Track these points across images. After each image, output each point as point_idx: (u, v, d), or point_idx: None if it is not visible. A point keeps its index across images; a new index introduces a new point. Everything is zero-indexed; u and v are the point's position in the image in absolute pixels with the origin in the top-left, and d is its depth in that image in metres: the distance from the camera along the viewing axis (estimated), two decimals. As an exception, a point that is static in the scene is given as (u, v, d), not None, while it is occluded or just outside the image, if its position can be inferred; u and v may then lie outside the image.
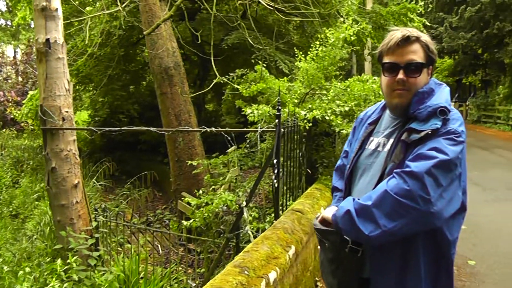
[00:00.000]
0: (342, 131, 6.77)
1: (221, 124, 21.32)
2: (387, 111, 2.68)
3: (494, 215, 9.40)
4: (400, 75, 2.41)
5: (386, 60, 2.49)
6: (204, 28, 13.63)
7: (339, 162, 3.08)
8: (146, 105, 20.01)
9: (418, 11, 15.65)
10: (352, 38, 8.23)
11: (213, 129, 6.13)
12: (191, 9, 15.28)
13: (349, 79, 8.07)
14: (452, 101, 36.50)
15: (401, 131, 2.43)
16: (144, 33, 9.96)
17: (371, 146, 2.64)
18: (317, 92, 7.96)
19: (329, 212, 2.47)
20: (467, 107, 37.09)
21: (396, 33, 2.46)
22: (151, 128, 6.68)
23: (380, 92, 7.49)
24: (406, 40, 2.42)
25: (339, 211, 2.34)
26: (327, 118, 6.80)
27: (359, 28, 8.82)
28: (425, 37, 2.48)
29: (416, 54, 2.43)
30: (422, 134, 2.28)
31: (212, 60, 8.31)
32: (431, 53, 2.48)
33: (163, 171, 15.14)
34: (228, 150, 8.31)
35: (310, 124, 6.75)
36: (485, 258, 7.14)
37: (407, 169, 2.19)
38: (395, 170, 2.27)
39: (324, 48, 7.90)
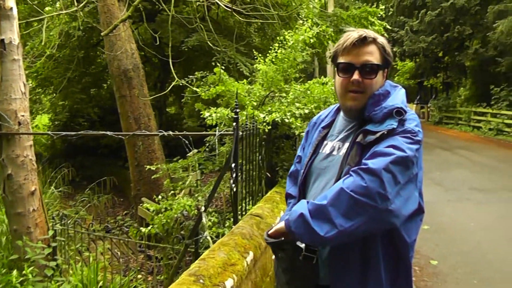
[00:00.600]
0: (302, 134, 6.70)
1: (183, 127, 21.23)
2: (341, 114, 2.62)
3: (456, 215, 9.51)
4: (355, 76, 2.36)
5: (341, 60, 2.43)
6: (164, 29, 13.47)
7: (292, 167, 3.00)
8: (107, 109, 19.72)
9: (379, 15, 15.85)
10: (312, 40, 8.21)
11: (170, 132, 6.02)
12: (151, 10, 15.10)
13: (309, 81, 8.01)
14: (414, 103, 37.52)
15: (356, 134, 2.36)
16: (102, 34, 9.80)
17: (325, 150, 2.57)
18: (276, 94, 7.90)
19: (281, 225, 2.34)
20: (428, 109, 37.99)
21: (352, 34, 2.40)
22: (108, 132, 6.55)
23: (340, 94, 7.60)
24: (363, 41, 2.37)
25: (292, 215, 2.21)
26: (286, 120, 6.74)
27: (318, 31, 8.81)
28: (382, 39, 2.44)
29: (372, 56, 2.38)
30: (378, 134, 2.22)
31: (171, 62, 8.19)
32: (387, 55, 2.44)
33: (125, 176, 14.93)
34: (188, 154, 8.19)
35: (270, 127, 6.70)
36: (447, 257, 7.20)
37: (364, 166, 2.11)
38: (351, 169, 2.18)
39: (283, 50, 7.86)
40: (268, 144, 7.38)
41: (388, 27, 17.17)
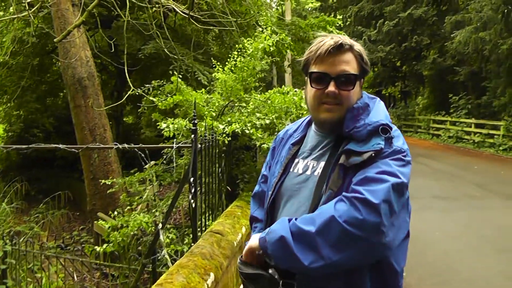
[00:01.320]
0: (263, 145, 6.50)
1: (141, 137, 20.76)
2: (313, 128, 2.38)
3: (421, 224, 9.40)
4: (331, 87, 2.13)
5: (314, 69, 2.19)
6: (121, 36, 13.13)
7: (256, 188, 2.73)
8: (63, 119, 18.85)
9: (337, 24, 15.85)
10: (272, 48, 8.02)
11: (125, 145, 5.77)
12: (107, 16, 14.69)
13: (269, 90, 7.79)
14: None
15: (337, 154, 2.13)
16: (55, 40, 9.41)
17: (297, 169, 2.31)
18: (236, 104, 7.67)
19: (254, 241, 2.10)
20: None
21: (326, 40, 2.18)
22: (60, 146, 6.27)
23: (302, 104, 7.38)
24: (339, 48, 2.15)
25: (270, 234, 1.98)
26: (247, 131, 6.52)
27: (278, 39, 8.62)
28: (358, 46, 2.24)
29: (349, 65, 2.17)
30: (366, 156, 2.00)
31: (126, 71, 7.88)
32: (365, 64, 2.24)
33: (81, 189, 14.42)
34: (145, 166, 7.89)
35: (229, 139, 6.45)
36: (415, 269, 7.08)
37: (360, 196, 1.88)
38: (344, 194, 1.94)
39: (242, 58, 7.63)
40: (228, 156, 7.14)
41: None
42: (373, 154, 2.00)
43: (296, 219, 1.98)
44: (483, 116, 25.88)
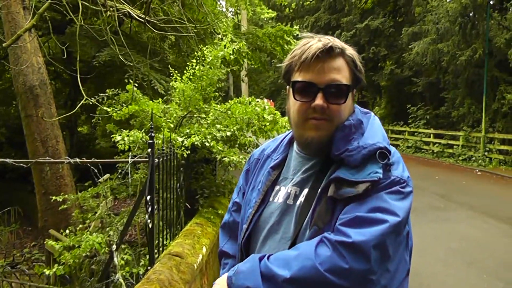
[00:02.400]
0: (224, 159, 6.15)
1: (95, 148, 20.21)
2: (295, 148, 2.06)
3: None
4: (319, 100, 1.79)
5: (298, 77, 1.85)
6: (75, 43, 12.64)
7: (226, 217, 2.38)
8: (15, 128, 18.01)
9: (295, 34, 15.73)
10: (232, 57, 7.70)
11: (77, 160, 5.37)
12: (60, 21, 14.18)
13: (229, 101, 7.46)
14: None
15: (325, 182, 1.79)
16: (4, 45, 8.92)
17: (277, 198, 1.97)
18: (195, 115, 7.31)
19: (222, 281, 1.79)
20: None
21: (313, 42, 1.84)
22: (8, 160, 5.94)
23: (265, 116, 7.08)
24: (328, 52, 1.80)
25: (238, 276, 1.71)
26: (207, 144, 6.17)
27: (238, 47, 8.31)
28: (351, 50, 1.89)
29: (340, 73, 1.83)
30: (361, 189, 1.67)
31: (79, 78, 7.44)
32: (359, 71, 1.90)
33: (34, 203, 13.79)
34: (99, 180, 7.45)
35: (188, 152, 6.08)
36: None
37: (347, 240, 1.58)
38: (327, 237, 1.64)
39: (201, 67, 7.28)
40: (186, 170, 6.78)
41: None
42: (369, 187, 1.68)
43: (269, 257, 1.69)
44: (442, 126, 26.40)
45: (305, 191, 1.88)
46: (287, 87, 1.96)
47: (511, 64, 19.85)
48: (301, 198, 1.87)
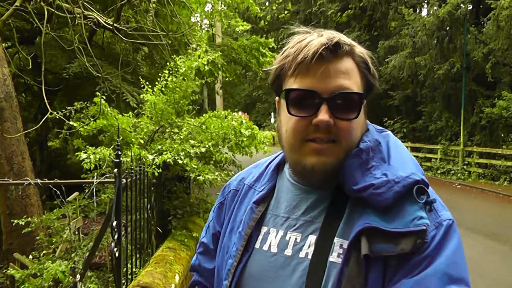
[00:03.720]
0: (198, 177, 5.74)
1: (67, 163, 19.57)
2: (287, 176, 1.57)
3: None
4: (323, 115, 1.30)
5: (293, 84, 1.37)
6: (45, 54, 12.17)
7: (193, 260, 1.84)
8: None
9: (271, 46, 15.54)
10: (206, 68, 7.31)
11: (38, 181, 4.92)
12: (29, 31, 13.68)
13: (204, 114, 7.06)
14: None
15: (353, 233, 1.28)
16: (-35, 54, 8.42)
17: (268, 245, 1.47)
18: (167, 130, 6.90)
19: None
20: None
21: (312, 38, 1.36)
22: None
23: (243, 130, 6.68)
24: (335, 50, 1.32)
25: None
26: (180, 162, 5.76)
27: (212, 58, 7.92)
28: (361, 49, 1.43)
29: (351, 78, 1.35)
30: (407, 247, 1.21)
31: (44, 90, 7.00)
32: (372, 76, 1.43)
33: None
34: (68, 198, 6.99)
35: (160, 170, 5.65)
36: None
37: None
38: None
39: (174, 78, 6.88)
40: (158, 189, 6.35)
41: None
42: (418, 241, 1.21)
43: None
44: (419, 140, 26.47)
45: (311, 239, 1.38)
46: (277, 98, 1.52)
47: (488, 78, 19.92)
48: (307, 249, 1.37)
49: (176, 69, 7.01)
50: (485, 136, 21.50)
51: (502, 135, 20.98)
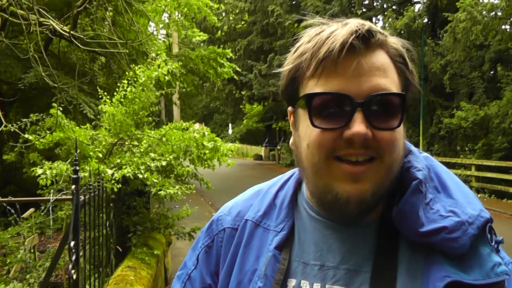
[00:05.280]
0: (160, 192, 5.53)
1: (22, 177, 18.98)
2: (304, 207, 1.24)
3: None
4: (358, 126, 1.00)
5: (315, 88, 1.05)
6: (0, 63, 11.77)
7: None
8: None
9: (228, 57, 15.50)
10: (167, 78, 7.11)
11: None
12: (-18, 38, 13.26)
13: (164, 126, 6.85)
14: (263, 146, 38.35)
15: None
16: None
17: None
18: (126, 142, 6.67)
19: None
20: (279, 151, 38.56)
21: (335, 27, 1.07)
22: None
23: (205, 143, 6.51)
24: (367, 40, 1.03)
25: None
26: (140, 176, 5.53)
27: (172, 68, 7.72)
28: (394, 39, 1.11)
29: (387, 76, 1.05)
30: None
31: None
32: (410, 73, 1.12)
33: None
34: (23, 215, 6.69)
35: (119, 185, 5.42)
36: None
37: None
38: None
39: (133, 88, 6.66)
40: (117, 204, 6.12)
41: (238, 69, 17.02)
42: None
43: None
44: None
45: None
46: (290, 108, 1.22)
47: (447, 89, 20.22)
48: None
49: (135, 79, 6.79)
50: (444, 146, 21.81)
51: (461, 144, 21.26)
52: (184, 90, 21.35)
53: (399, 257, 1.08)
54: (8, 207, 4.89)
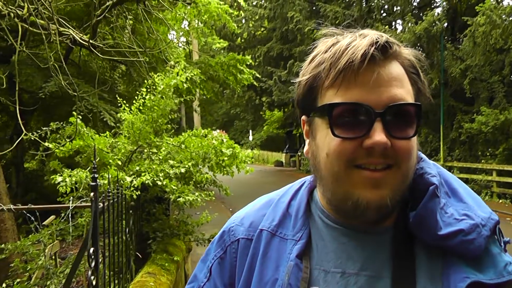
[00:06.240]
0: (178, 199, 5.55)
1: (44, 185, 19.12)
2: (319, 216, 1.25)
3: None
4: (379, 135, 1.03)
5: (335, 98, 1.08)
6: (21, 73, 11.88)
7: None
8: None
9: (248, 63, 15.45)
10: (185, 85, 7.14)
11: (11, 206, 4.73)
12: (4, 49, 13.41)
13: (183, 133, 6.89)
14: (283, 152, 38.23)
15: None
16: None
17: None
18: (145, 150, 6.70)
19: None
20: (300, 157, 38.49)
21: (352, 38, 1.11)
22: None
23: (224, 150, 6.54)
24: (385, 51, 1.07)
25: None
26: (159, 183, 5.56)
27: (191, 75, 7.76)
28: (407, 50, 1.15)
29: (403, 86, 1.09)
30: None
31: (18, 110, 6.77)
32: (422, 84, 1.17)
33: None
34: (44, 222, 6.75)
35: (138, 193, 5.45)
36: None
37: None
38: None
39: (152, 96, 6.70)
40: (136, 211, 6.15)
41: (258, 75, 17.00)
42: None
43: None
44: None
45: None
46: (303, 117, 1.25)
47: (467, 94, 20.01)
48: None
49: (154, 87, 6.83)
50: (464, 151, 21.55)
51: (482, 149, 21.02)
52: (204, 97, 21.38)
53: (416, 262, 1.11)
54: (28, 214, 4.91)
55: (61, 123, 6.99)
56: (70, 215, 5.18)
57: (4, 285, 5.97)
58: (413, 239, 1.13)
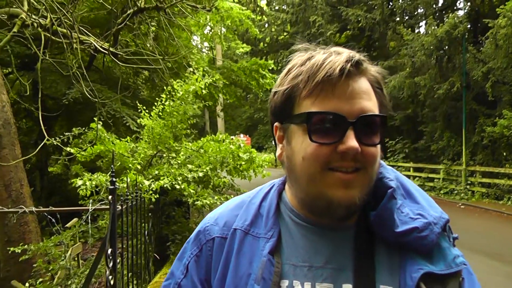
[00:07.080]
0: (196, 203, 5.67)
1: (67, 189, 19.38)
2: (289, 215, 1.36)
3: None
4: (352, 142, 1.16)
5: (312, 107, 1.20)
6: (45, 79, 12.12)
7: None
8: None
9: (270, 68, 15.41)
10: (204, 91, 7.25)
11: (33, 209, 4.87)
12: (29, 56, 13.68)
13: (202, 138, 7.01)
14: None
15: (410, 281, 1.19)
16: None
17: None
18: (165, 154, 6.84)
19: None
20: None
21: (327, 55, 1.22)
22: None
23: (241, 154, 6.63)
24: (358, 67, 1.21)
25: None
26: (177, 186, 5.68)
27: (211, 80, 7.88)
28: (373, 67, 1.29)
29: (371, 99, 1.23)
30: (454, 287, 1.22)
31: (40, 116, 6.95)
32: (384, 98, 1.31)
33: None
34: (67, 224, 6.93)
35: (157, 196, 5.58)
36: None
37: None
38: None
39: (171, 102, 6.83)
40: (156, 214, 6.28)
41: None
42: (462, 279, 1.24)
43: None
44: (421, 160, 26.06)
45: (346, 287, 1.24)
46: (276, 124, 1.35)
47: (489, 97, 19.78)
48: None
49: (174, 93, 6.96)
50: (487, 155, 21.27)
51: (505, 154, 20.70)
52: (228, 101, 21.48)
53: (376, 255, 1.24)
54: (49, 216, 5.07)
55: (83, 128, 7.17)
56: (90, 218, 5.32)
57: (27, 284, 6.13)
58: (373, 235, 1.26)
